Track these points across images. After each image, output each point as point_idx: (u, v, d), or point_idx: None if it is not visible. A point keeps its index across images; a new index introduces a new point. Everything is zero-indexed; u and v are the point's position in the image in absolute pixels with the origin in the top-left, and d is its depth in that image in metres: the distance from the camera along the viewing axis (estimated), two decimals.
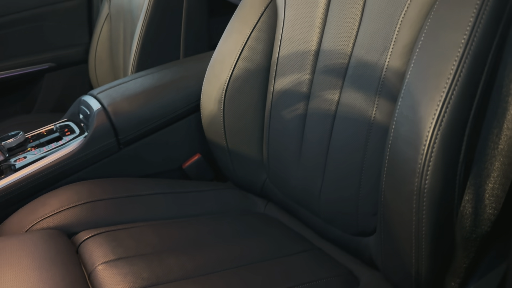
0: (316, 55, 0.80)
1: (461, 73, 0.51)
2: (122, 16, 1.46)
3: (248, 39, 0.90)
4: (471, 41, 0.51)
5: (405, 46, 0.63)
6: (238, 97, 0.91)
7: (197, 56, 1.20)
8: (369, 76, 0.68)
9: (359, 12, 0.72)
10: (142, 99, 0.98)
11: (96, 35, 1.62)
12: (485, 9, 0.51)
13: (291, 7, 0.85)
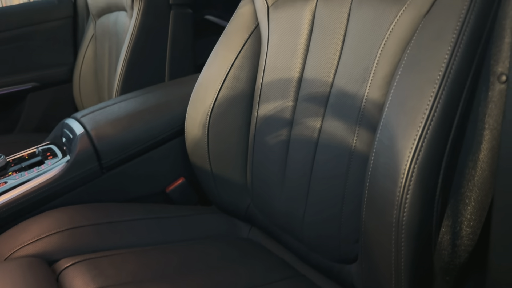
0: (299, 83, 0.81)
1: (437, 109, 0.52)
2: (108, 37, 1.46)
3: (233, 65, 0.91)
4: (446, 78, 0.52)
5: (384, 78, 0.64)
6: (223, 122, 0.91)
7: (182, 79, 1.21)
8: (350, 106, 0.69)
9: (340, 43, 0.74)
10: (126, 123, 0.98)
11: (81, 55, 1.62)
12: (459, 47, 0.53)
13: (274, 35, 0.87)
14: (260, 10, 0.91)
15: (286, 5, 0.85)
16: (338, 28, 0.74)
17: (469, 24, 0.53)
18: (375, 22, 0.67)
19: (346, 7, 0.73)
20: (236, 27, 0.95)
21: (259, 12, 0.91)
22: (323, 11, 0.78)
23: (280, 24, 0.86)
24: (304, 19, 0.81)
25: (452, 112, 0.53)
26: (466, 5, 0.53)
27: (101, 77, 1.50)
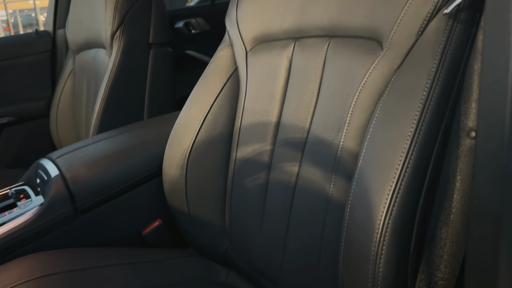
0: (277, 127, 0.82)
1: (409, 164, 0.53)
2: (86, 73, 1.46)
3: (211, 107, 0.91)
4: (417, 134, 0.54)
5: (358, 129, 0.65)
6: (201, 164, 0.91)
7: (160, 118, 1.21)
8: (326, 154, 0.70)
9: (316, 91, 0.75)
10: (102, 164, 0.97)
11: (59, 90, 1.61)
12: (429, 104, 0.54)
13: (253, 80, 0.88)
14: (239, 54, 0.92)
15: (263, 51, 0.87)
16: (314, 77, 0.76)
17: (438, 82, 0.54)
18: (349, 74, 0.68)
19: (321, 56, 0.75)
20: (215, 70, 0.96)
21: (238, 56, 0.93)
22: (299, 58, 0.79)
23: (258, 69, 0.87)
24: (281, 65, 0.83)
25: (424, 168, 0.54)
26: (436, 63, 0.55)
27: (79, 113, 1.49)
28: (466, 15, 0.56)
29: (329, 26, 0.73)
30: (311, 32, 0.78)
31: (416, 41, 0.58)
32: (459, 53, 0.55)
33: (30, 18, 18.70)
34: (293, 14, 0.80)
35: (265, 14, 0.86)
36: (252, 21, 0.89)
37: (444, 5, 0.56)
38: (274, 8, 0.84)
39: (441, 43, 0.55)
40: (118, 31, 1.25)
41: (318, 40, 0.77)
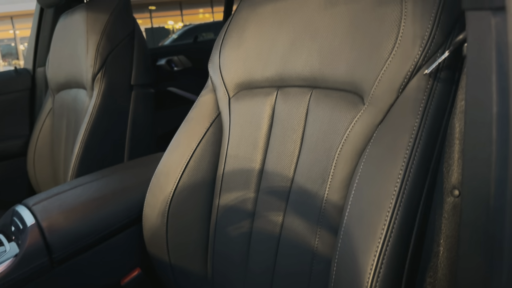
0: (260, 175, 0.82)
1: (395, 223, 0.53)
2: (66, 113, 1.44)
3: (194, 152, 0.90)
4: (402, 192, 0.54)
5: (342, 181, 0.65)
6: (183, 211, 0.89)
7: (141, 160, 1.19)
8: (310, 205, 0.70)
9: (299, 141, 0.75)
10: (80, 212, 0.94)
11: (37, 129, 1.58)
12: (412, 163, 0.55)
13: (236, 126, 0.88)
14: (222, 100, 0.93)
15: (246, 98, 0.87)
16: (297, 126, 0.76)
17: (421, 141, 0.55)
18: (331, 126, 0.69)
19: (304, 106, 0.75)
20: (198, 115, 0.95)
21: (221, 102, 0.93)
22: (282, 107, 0.80)
23: (241, 116, 0.87)
24: (264, 113, 0.83)
25: (409, 227, 0.54)
26: (417, 122, 0.56)
27: (57, 153, 1.46)
28: (446, 74, 0.57)
29: (311, 77, 0.74)
30: (293, 82, 0.78)
31: (397, 98, 0.59)
32: (440, 111, 0.56)
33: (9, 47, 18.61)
34: (276, 63, 0.81)
35: (247, 62, 0.87)
36: (235, 68, 0.90)
37: (424, 64, 0.57)
38: (256, 56, 0.85)
39: (422, 101, 0.56)
40: (99, 73, 1.24)
41: (301, 90, 0.77)
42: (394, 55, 0.59)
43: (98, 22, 1.25)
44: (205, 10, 16.13)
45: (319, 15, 0.73)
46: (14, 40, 18.12)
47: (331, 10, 0.71)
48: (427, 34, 0.56)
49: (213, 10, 15.66)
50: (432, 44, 0.56)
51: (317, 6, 0.74)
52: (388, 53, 0.60)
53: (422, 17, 0.57)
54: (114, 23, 1.26)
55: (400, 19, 0.59)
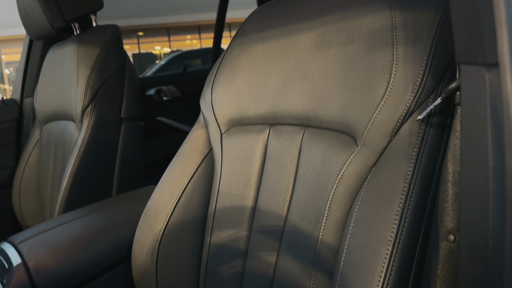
0: (253, 212, 0.81)
1: (392, 270, 0.53)
2: (53, 145, 1.42)
3: (185, 189, 0.89)
4: (398, 238, 0.54)
5: (336, 223, 0.65)
6: (173, 249, 0.88)
7: (130, 194, 1.18)
8: (305, 246, 0.69)
9: (292, 179, 0.75)
10: (68, 251, 0.92)
11: (23, 160, 1.56)
12: (408, 208, 0.55)
13: (228, 162, 0.87)
14: (213, 135, 0.92)
15: (239, 134, 0.87)
16: (290, 164, 0.76)
17: (415, 186, 0.55)
18: (325, 166, 0.69)
19: (297, 144, 0.76)
20: (190, 150, 0.95)
21: (212, 138, 0.93)
22: (274, 145, 0.80)
23: (233, 152, 0.87)
24: (257, 150, 0.83)
25: (407, 273, 0.54)
26: (411, 166, 0.56)
27: (44, 185, 1.43)
28: (438, 120, 0.58)
29: (304, 116, 0.75)
30: (286, 120, 0.79)
31: (390, 141, 0.60)
32: (434, 156, 0.57)
33: None
34: (268, 101, 0.82)
35: (240, 98, 0.87)
36: (227, 105, 0.90)
37: (416, 109, 0.58)
38: (249, 93, 0.86)
39: (415, 146, 0.57)
40: (89, 107, 1.23)
41: (293, 128, 0.78)
42: (386, 100, 0.60)
43: (88, 55, 1.26)
44: (192, 37, 16.30)
45: (310, 56, 0.74)
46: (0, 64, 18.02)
47: (322, 52, 0.72)
48: (419, 80, 0.58)
49: (200, 37, 15.83)
50: (424, 89, 0.57)
51: (309, 47, 0.75)
52: (380, 97, 0.61)
53: (413, 62, 0.58)
54: (105, 56, 1.26)
55: (392, 64, 0.61)
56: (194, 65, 7.59)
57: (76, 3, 1.31)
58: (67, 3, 1.29)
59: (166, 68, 7.30)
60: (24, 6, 1.33)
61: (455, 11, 0.42)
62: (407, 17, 0.61)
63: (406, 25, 0.61)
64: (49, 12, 1.25)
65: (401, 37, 0.61)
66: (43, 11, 1.25)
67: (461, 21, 0.41)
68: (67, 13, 1.29)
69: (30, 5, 1.29)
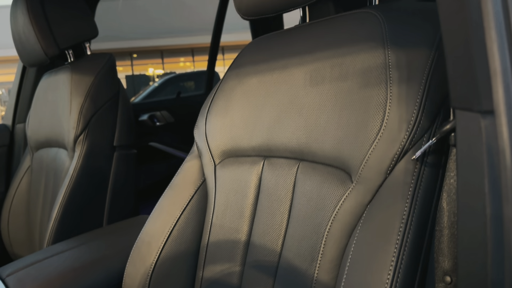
0: (246, 246, 0.80)
1: None
2: (44, 173, 1.40)
3: (178, 221, 0.88)
4: (395, 280, 0.53)
5: (332, 261, 0.64)
6: (165, 283, 0.86)
7: (121, 225, 1.16)
8: (299, 285, 0.68)
9: (287, 213, 0.74)
10: (57, 285, 0.90)
11: (14, 187, 1.53)
12: (404, 249, 0.54)
13: (221, 194, 0.86)
14: (207, 166, 0.92)
15: (233, 166, 0.87)
16: (284, 198, 0.75)
17: (412, 226, 0.55)
18: (319, 202, 0.68)
19: (291, 178, 0.75)
20: (183, 181, 0.94)
21: (206, 169, 0.92)
22: (269, 177, 0.79)
23: (227, 184, 0.86)
24: (251, 182, 0.82)
25: None
26: (407, 206, 0.56)
27: (34, 214, 1.41)
28: (433, 159, 0.58)
29: (298, 150, 0.74)
30: (280, 153, 0.78)
31: (385, 179, 0.60)
32: (429, 195, 0.57)
33: None
34: (262, 133, 0.81)
35: (234, 130, 0.87)
36: (221, 136, 0.90)
37: (411, 148, 0.58)
38: (243, 125, 0.86)
39: (410, 185, 0.56)
40: (81, 135, 1.23)
41: (288, 161, 0.77)
42: (381, 138, 0.60)
43: (82, 84, 1.25)
44: (186, 59, 16.42)
45: (305, 91, 0.75)
46: None
47: (316, 87, 0.72)
48: (413, 119, 0.58)
49: (194, 59, 15.95)
50: (418, 129, 0.58)
51: (303, 82, 0.76)
52: (375, 134, 0.61)
53: (407, 101, 0.59)
54: (99, 85, 1.26)
55: (386, 102, 0.61)
56: (187, 87, 7.60)
57: (71, 32, 1.31)
58: (62, 31, 1.29)
59: (160, 90, 7.31)
60: (19, 33, 1.34)
61: (449, 56, 0.43)
62: (400, 56, 0.62)
63: (400, 64, 0.61)
64: (43, 40, 1.25)
65: (394, 76, 0.61)
66: (37, 39, 1.25)
67: (456, 67, 0.41)
68: (61, 42, 1.29)
69: (25, 33, 1.29)
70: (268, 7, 0.82)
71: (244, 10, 0.86)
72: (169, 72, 16.50)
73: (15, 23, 1.34)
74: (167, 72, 16.51)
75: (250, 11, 0.85)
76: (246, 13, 0.86)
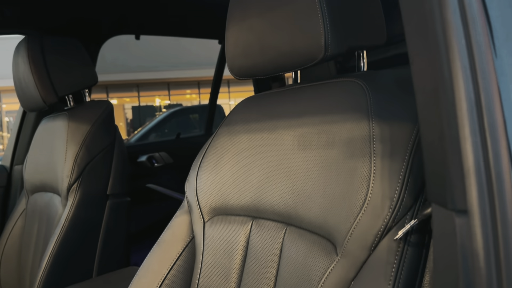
0: None
1: None
2: (38, 218, 1.40)
3: (164, 281, 0.87)
4: None
5: None
6: None
7: (110, 276, 1.14)
8: None
9: (273, 279, 0.73)
10: None
11: (8, 229, 1.53)
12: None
13: (209, 253, 0.85)
14: (196, 223, 0.91)
15: (221, 225, 0.86)
16: (271, 264, 0.74)
17: None
18: (305, 272, 0.67)
19: (278, 243, 0.74)
20: (171, 238, 0.93)
21: (195, 225, 0.91)
22: (257, 240, 0.78)
23: (215, 243, 0.85)
24: (239, 243, 0.81)
25: None
26: (390, 286, 0.55)
27: (25, 259, 1.40)
28: (415, 238, 0.57)
29: (286, 214, 0.74)
30: (268, 215, 0.78)
31: (369, 255, 0.59)
32: (412, 276, 0.56)
33: None
34: (251, 193, 0.81)
35: (224, 188, 0.87)
36: (211, 192, 0.89)
37: (394, 225, 0.57)
38: (232, 184, 0.85)
39: (393, 265, 0.55)
40: (75, 184, 1.23)
41: (275, 225, 0.76)
42: (365, 212, 0.59)
43: (78, 132, 1.26)
44: (192, 91, 16.62)
45: (292, 154, 0.75)
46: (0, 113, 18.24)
47: (303, 152, 0.72)
48: (396, 196, 0.57)
49: (199, 91, 16.14)
50: (401, 207, 0.57)
51: (291, 145, 0.76)
52: (359, 208, 0.60)
53: (390, 177, 0.58)
54: (95, 134, 1.27)
55: (369, 176, 0.60)
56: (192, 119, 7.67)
57: (70, 80, 1.34)
58: (61, 80, 1.31)
59: (165, 123, 7.40)
60: (19, 79, 1.36)
61: (425, 149, 0.43)
62: (384, 130, 0.62)
63: (383, 138, 0.61)
64: (42, 88, 1.27)
65: (378, 150, 0.61)
66: (36, 87, 1.27)
67: (431, 162, 0.41)
68: (60, 90, 1.31)
69: (25, 79, 1.32)
70: (258, 71, 0.83)
71: (236, 71, 0.87)
72: (175, 104, 16.69)
73: (16, 69, 1.36)
74: (173, 104, 16.69)
75: (242, 73, 0.86)
76: (238, 74, 0.87)
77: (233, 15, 0.84)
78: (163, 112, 14.81)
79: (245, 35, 0.82)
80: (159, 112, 16.29)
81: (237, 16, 0.83)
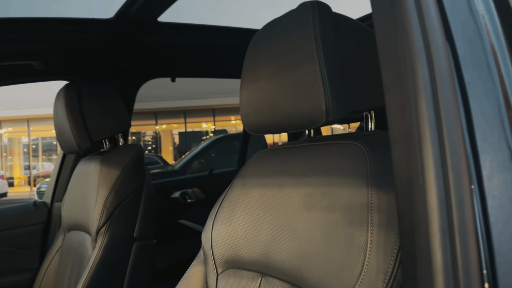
0: None
1: None
2: (72, 255, 1.46)
3: None
4: None
5: None
6: None
7: None
8: None
9: None
10: None
11: (45, 265, 1.60)
12: None
13: None
14: (210, 275, 0.93)
15: (233, 279, 0.87)
16: None
17: None
18: None
19: None
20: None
21: (209, 277, 0.93)
22: None
23: None
24: None
25: None
26: None
27: None
28: None
29: (291, 274, 0.74)
30: (276, 273, 0.78)
31: None
32: None
33: (50, 144, 19.80)
34: (260, 248, 0.82)
35: (236, 240, 0.89)
36: (224, 244, 0.91)
37: None
38: (244, 237, 0.87)
39: None
40: (103, 227, 1.28)
41: (283, 285, 0.77)
42: (361, 284, 0.59)
43: (109, 176, 1.33)
44: (236, 118, 16.89)
45: (298, 213, 0.76)
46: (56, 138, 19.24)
47: (308, 213, 0.73)
48: (389, 271, 0.57)
49: None
50: (395, 282, 0.56)
51: (297, 203, 0.77)
52: (356, 278, 0.60)
53: (385, 249, 0.58)
54: (124, 178, 1.33)
55: (366, 247, 0.60)
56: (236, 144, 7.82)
57: (105, 126, 1.41)
58: (95, 126, 1.39)
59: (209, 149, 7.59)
60: (58, 124, 1.45)
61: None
62: (382, 200, 0.62)
63: (380, 208, 0.62)
64: (78, 134, 1.35)
65: (375, 220, 0.61)
66: (72, 133, 1.35)
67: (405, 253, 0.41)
68: (94, 135, 1.39)
69: (63, 125, 1.40)
70: (268, 128, 0.85)
71: (249, 127, 0.90)
72: (220, 130, 16.99)
73: (56, 115, 1.46)
74: (219, 130, 17.00)
75: (254, 129, 0.89)
76: (251, 129, 0.90)
77: (246, 76, 0.88)
78: (211, 136, 15.12)
79: (256, 96, 0.85)
80: (206, 136, 16.64)
81: (249, 77, 0.86)
